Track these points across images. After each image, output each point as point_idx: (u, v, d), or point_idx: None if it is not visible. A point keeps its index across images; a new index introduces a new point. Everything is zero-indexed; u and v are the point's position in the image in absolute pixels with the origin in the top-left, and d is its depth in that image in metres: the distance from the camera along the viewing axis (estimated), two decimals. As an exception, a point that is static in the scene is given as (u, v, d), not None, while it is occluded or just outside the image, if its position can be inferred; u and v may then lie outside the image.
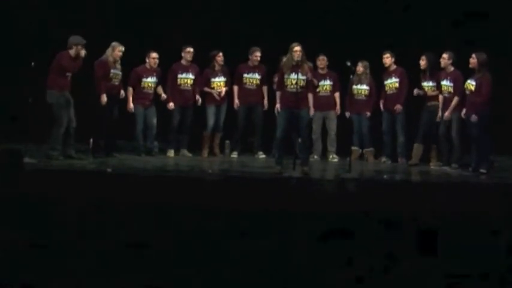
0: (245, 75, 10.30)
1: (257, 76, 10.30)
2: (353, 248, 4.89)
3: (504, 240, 5.09)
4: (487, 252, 4.81)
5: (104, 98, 9.45)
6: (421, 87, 9.70)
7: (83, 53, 9.12)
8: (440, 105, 9.44)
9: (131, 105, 10.00)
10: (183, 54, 10.12)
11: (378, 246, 4.91)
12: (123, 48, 9.61)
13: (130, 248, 4.77)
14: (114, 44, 9.61)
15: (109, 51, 9.59)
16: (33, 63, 9.52)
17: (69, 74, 9.13)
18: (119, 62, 9.66)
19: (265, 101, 10.22)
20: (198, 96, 10.17)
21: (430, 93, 9.63)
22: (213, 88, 10.23)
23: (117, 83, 9.70)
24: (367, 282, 4.29)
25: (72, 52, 9.12)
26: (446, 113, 9.20)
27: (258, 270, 4.40)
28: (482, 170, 8.83)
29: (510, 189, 8.07)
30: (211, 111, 10.25)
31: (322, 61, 10.24)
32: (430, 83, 9.65)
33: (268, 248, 4.87)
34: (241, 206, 6.13)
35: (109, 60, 9.56)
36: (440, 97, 9.46)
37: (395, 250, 4.79)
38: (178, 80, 10.15)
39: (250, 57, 10.25)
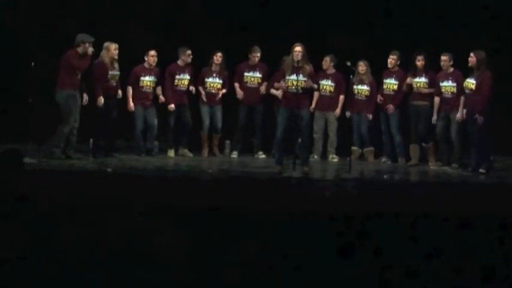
0: (246, 73, 10.26)
1: (258, 75, 10.26)
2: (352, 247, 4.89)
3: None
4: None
5: (101, 100, 9.41)
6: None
7: (90, 50, 9.10)
8: (434, 105, 9.44)
9: (131, 104, 9.98)
10: (182, 57, 10.06)
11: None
12: (117, 46, 9.50)
13: (129, 248, 4.77)
14: (107, 44, 9.47)
15: (104, 52, 9.46)
16: (33, 63, 9.50)
17: (78, 73, 9.11)
18: (116, 61, 9.59)
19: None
20: (191, 87, 10.11)
21: (420, 90, 9.60)
22: (207, 88, 10.22)
23: (114, 84, 9.63)
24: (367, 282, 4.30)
25: (79, 50, 9.10)
26: (458, 115, 9.11)
27: (258, 271, 4.41)
28: (482, 170, 8.83)
29: (510, 189, 8.08)
30: (204, 111, 10.22)
31: (325, 62, 10.19)
32: (423, 79, 9.62)
33: (268, 248, 4.87)
34: (241, 206, 6.13)
35: (105, 61, 9.46)
36: (437, 98, 9.44)
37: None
38: (176, 80, 10.11)
39: (250, 56, 10.22)
